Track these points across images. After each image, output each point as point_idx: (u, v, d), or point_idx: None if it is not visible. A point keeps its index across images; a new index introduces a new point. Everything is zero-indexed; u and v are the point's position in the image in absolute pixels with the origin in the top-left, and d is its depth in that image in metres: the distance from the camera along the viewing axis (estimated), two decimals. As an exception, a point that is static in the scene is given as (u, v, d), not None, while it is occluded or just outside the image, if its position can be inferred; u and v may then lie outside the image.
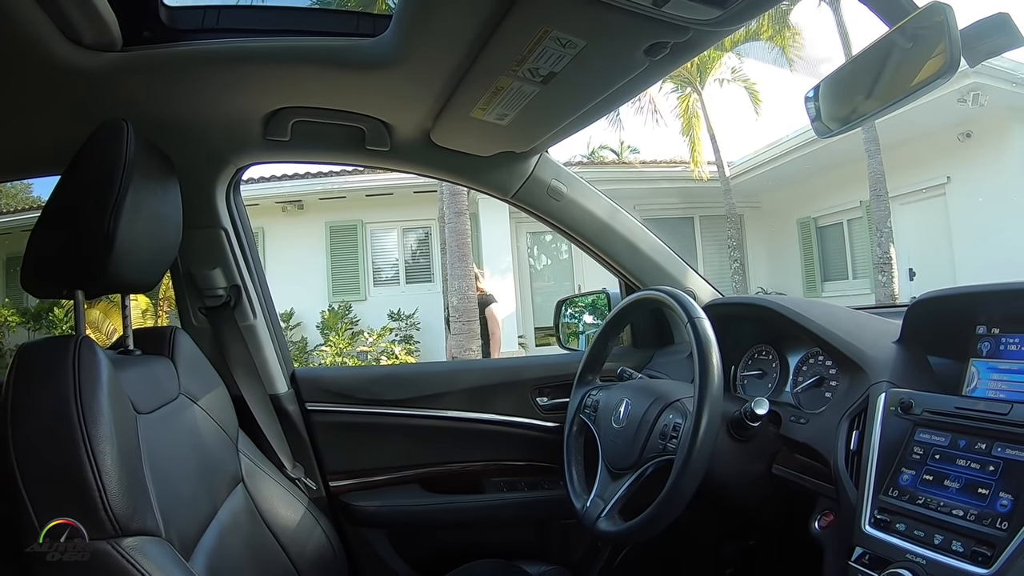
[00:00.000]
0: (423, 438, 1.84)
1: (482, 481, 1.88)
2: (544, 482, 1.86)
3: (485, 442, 1.87)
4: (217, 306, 1.67)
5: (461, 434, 1.85)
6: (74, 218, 1.06)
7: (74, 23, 1.10)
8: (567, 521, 1.73)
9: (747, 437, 1.29)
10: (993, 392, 1.05)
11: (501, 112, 1.36)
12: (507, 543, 1.84)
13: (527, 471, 1.89)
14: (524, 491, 1.88)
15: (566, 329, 2.25)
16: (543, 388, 1.90)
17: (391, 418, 1.81)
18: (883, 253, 9.22)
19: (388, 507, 1.78)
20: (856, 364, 1.24)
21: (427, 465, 1.85)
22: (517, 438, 1.87)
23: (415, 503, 1.82)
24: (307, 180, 10.83)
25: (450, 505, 1.84)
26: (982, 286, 1.12)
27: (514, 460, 1.89)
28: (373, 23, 1.27)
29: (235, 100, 1.44)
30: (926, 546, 0.93)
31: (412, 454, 1.84)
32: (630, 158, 15.28)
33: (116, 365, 1.02)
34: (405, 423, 1.81)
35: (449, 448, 1.86)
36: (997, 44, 0.90)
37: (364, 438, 1.81)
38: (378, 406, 1.81)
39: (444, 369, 2.10)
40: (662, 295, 1.35)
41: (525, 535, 1.88)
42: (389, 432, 1.82)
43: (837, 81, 1.13)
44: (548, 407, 1.88)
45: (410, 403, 1.82)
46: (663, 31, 1.04)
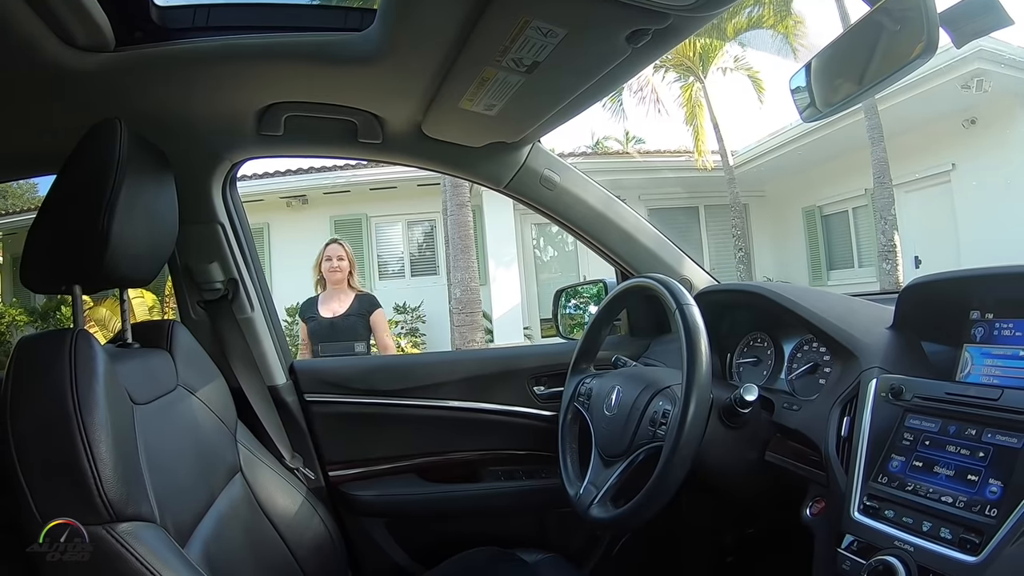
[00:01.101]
0: (421, 428, 1.85)
1: (480, 470, 1.90)
2: (542, 471, 1.87)
3: (483, 431, 1.88)
4: (215, 300, 1.68)
5: (459, 423, 1.86)
6: (70, 216, 1.08)
7: (67, 25, 1.11)
8: (564, 510, 1.74)
9: (739, 424, 1.29)
10: (986, 378, 1.05)
11: (489, 103, 1.36)
12: (505, 531, 1.85)
13: (525, 460, 1.91)
14: (522, 480, 1.89)
15: (567, 320, 2.26)
16: (540, 377, 1.91)
17: (389, 408, 1.82)
18: (887, 241, 9.19)
19: (386, 497, 1.79)
20: (848, 350, 1.24)
21: (425, 455, 1.87)
22: (515, 427, 1.88)
23: (413, 492, 1.83)
24: (311, 175, 10.83)
25: (448, 494, 1.85)
26: (975, 270, 1.11)
27: (512, 449, 1.90)
28: (360, 17, 1.27)
29: (228, 97, 1.46)
30: (915, 533, 0.92)
31: (410, 444, 1.86)
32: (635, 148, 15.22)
33: (114, 357, 1.03)
34: (403, 413, 1.83)
35: (447, 437, 1.87)
36: (983, 24, 0.90)
37: (362, 428, 1.82)
38: (376, 396, 1.82)
39: (442, 359, 2.14)
40: (651, 282, 1.35)
41: (523, 523, 1.90)
42: (387, 422, 1.83)
43: (824, 64, 1.12)
44: (545, 396, 1.89)
45: (408, 393, 1.83)
46: (643, 18, 1.03)
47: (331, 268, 3.89)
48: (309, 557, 1.47)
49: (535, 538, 1.86)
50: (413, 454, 1.86)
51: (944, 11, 0.89)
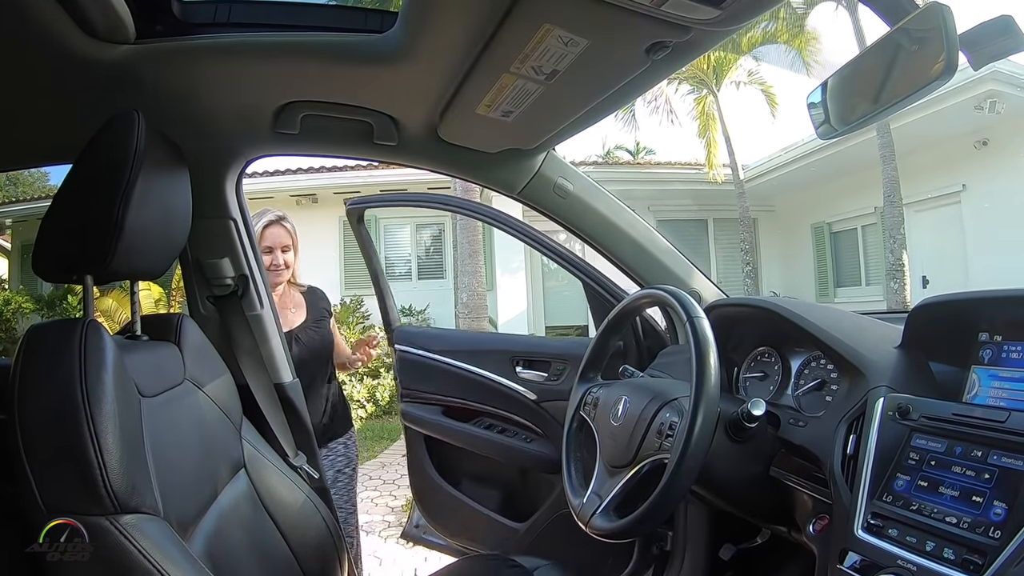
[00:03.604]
0: (447, 380, 2.12)
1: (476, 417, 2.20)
2: (521, 434, 2.12)
3: (484, 391, 2.15)
4: (225, 295, 1.69)
5: (467, 382, 2.17)
6: (84, 206, 1.08)
7: (89, 15, 1.12)
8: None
9: (745, 438, 1.28)
10: (993, 400, 1.05)
11: (506, 109, 1.37)
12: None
13: (506, 421, 2.17)
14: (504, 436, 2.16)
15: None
16: (519, 360, 2.17)
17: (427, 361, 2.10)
18: (895, 260, 9.15)
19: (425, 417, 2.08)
20: (856, 368, 1.23)
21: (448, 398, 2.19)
22: (502, 393, 2.12)
23: (440, 420, 2.21)
24: (321, 174, 10.86)
25: (461, 429, 2.20)
26: (985, 292, 1.11)
27: (501, 409, 2.15)
28: (380, 19, 1.28)
29: (246, 93, 1.46)
30: (918, 552, 0.92)
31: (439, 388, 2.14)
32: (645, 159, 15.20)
33: (122, 349, 1.03)
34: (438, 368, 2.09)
35: (460, 390, 2.17)
36: (1001, 47, 0.90)
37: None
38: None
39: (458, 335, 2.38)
40: (663, 294, 1.35)
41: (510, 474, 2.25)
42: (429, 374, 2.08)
43: (842, 82, 1.12)
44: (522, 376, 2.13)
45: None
46: (664, 30, 1.04)
47: (275, 267, 2.42)
48: (310, 555, 1.47)
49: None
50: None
51: (963, 33, 0.89)
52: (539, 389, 2.06)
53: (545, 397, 2.04)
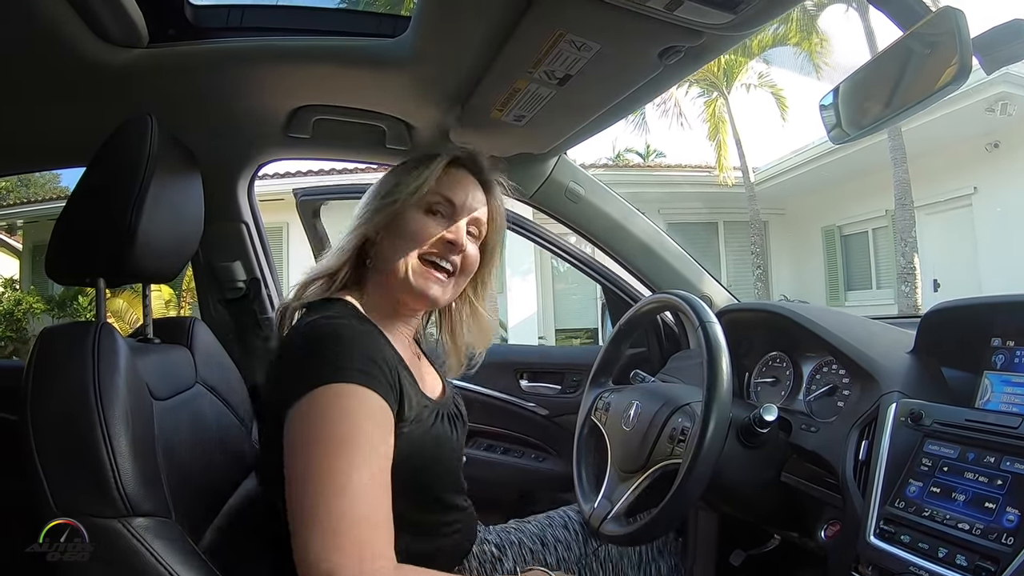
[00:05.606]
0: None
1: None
2: (520, 451, 2.03)
3: (482, 410, 2.01)
4: (236, 298, 1.69)
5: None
6: (97, 209, 1.08)
7: (102, 20, 1.13)
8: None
9: (756, 444, 1.28)
10: (1006, 405, 1.04)
11: (519, 113, 1.37)
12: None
13: (505, 439, 2.06)
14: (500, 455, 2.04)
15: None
16: (523, 372, 2.09)
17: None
18: (907, 263, 9.12)
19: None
20: (868, 373, 1.23)
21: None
22: (502, 411, 2.03)
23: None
24: (331, 177, 10.86)
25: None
26: (998, 297, 1.11)
27: (498, 427, 2.06)
28: (393, 24, 1.29)
29: (258, 97, 1.47)
30: (930, 559, 0.92)
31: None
32: (656, 162, 15.17)
33: (135, 352, 1.04)
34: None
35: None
36: (1014, 51, 0.90)
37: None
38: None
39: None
40: (675, 298, 1.35)
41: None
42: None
43: (855, 86, 1.12)
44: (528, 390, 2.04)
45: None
46: (676, 35, 1.04)
47: None
48: None
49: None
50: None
51: (975, 37, 0.89)
52: (551, 403, 2.03)
53: (559, 411, 2.01)
